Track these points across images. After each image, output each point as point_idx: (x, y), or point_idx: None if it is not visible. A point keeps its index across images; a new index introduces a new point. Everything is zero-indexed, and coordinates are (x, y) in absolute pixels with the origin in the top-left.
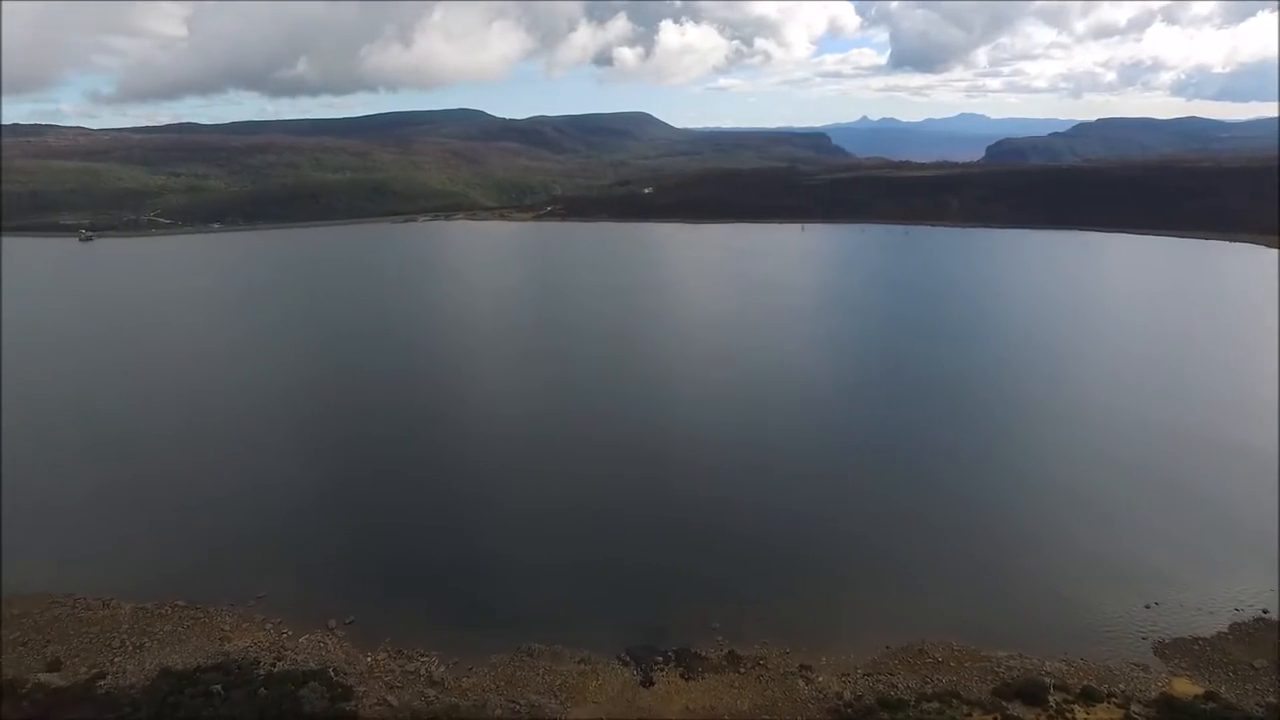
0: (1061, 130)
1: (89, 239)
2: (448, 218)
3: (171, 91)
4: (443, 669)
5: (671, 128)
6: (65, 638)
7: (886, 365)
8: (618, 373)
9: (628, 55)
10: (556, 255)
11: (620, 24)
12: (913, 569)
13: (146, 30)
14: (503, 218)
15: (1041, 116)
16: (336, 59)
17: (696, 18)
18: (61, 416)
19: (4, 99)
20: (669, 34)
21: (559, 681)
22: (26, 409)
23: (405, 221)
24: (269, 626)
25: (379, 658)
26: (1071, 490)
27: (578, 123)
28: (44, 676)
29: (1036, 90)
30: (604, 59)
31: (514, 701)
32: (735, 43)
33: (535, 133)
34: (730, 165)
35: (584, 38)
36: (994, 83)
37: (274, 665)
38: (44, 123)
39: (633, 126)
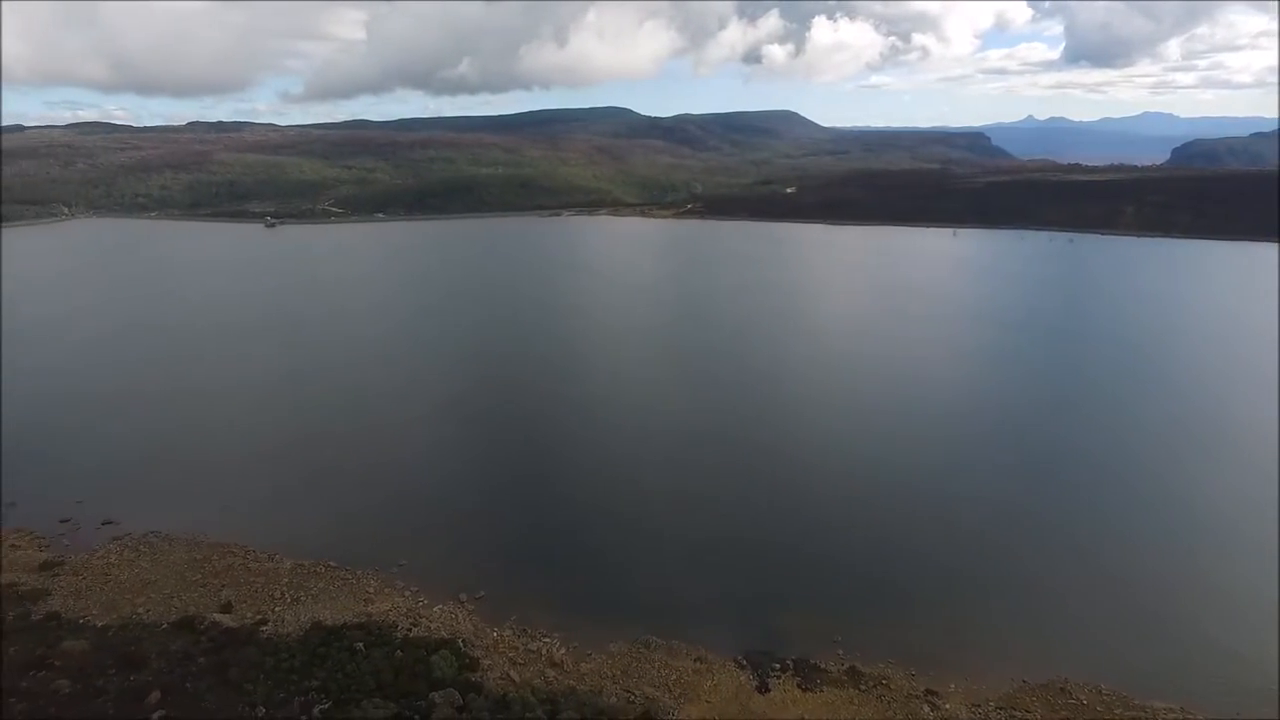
0: (1268, 130)
1: (273, 225)
2: (590, 213)
3: (348, 91)
4: (563, 651)
5: (818, 126)
6: (237, 584)
7: (1039, 382)
8: (751, 371)
9: (777, 53)
10: (694, 252)
11: (771, 21)
12: (1059, 599)
13: (331, 35)
14: (644, 214)
15: (1243, 115)
16: (496, 59)
17: (851, 14)
18: (253, 386)
19: (211, 99)
20: (821, 31)
21: (674, 677)
22: (224, 380)
23: (550, 216)
24: (408, 593)
25: (504, 634)
26: (1252, 533)
27: (722, 121)
28: (218, 616)
29: (1239, 85)
30: (752, 57)
31: (629, 692)
32: (891, 39)
33: (679, 130)
34: (878, 165)
35: (733, 35)
36: (1186, 77)
37: (410, 630)
38: (241, 120)
39: (778, 125)
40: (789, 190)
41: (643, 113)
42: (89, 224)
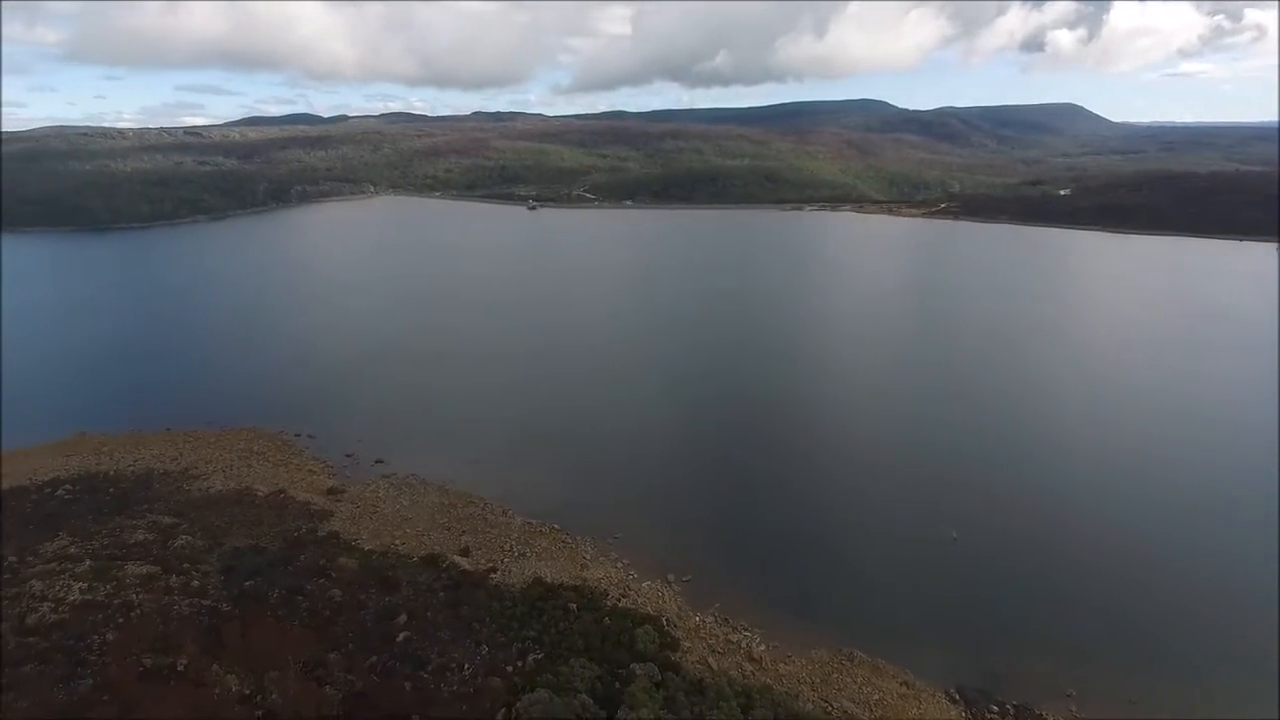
0: None
1: (534, 208)
2: (833, 208)
3: (610, 83)
4: (763, 648)
5: (1106, 122)
6: (475, 531)
7: None
8: (1009, 388)
9: (1064, 39)
10: (942, 254)
11: (1060, 4)
12: None
13: (599, 31)
14: (890, 212)
15: None
16: (752, 51)
17: None
18: (512, 357)
19: (493, 91)
20: (1123, 13)
21: (876, 697)
22: (491, 347)
23: (792, 209)
24: (620, 565)
25: (706, 620)
26: None
27: (990, 115)
28: (457, 558)
29: None
30: (1033, 44)
31: (826, 702)
32: (1217, 18)
33: (939, 125)
34: (1179, 167)
35: (1013, 22)
36: None
37: (619, 600)
38: (515, 110)
39: (1055, 120)
40: (1063, 192)
41: (899, 106)
42: (389, 200)
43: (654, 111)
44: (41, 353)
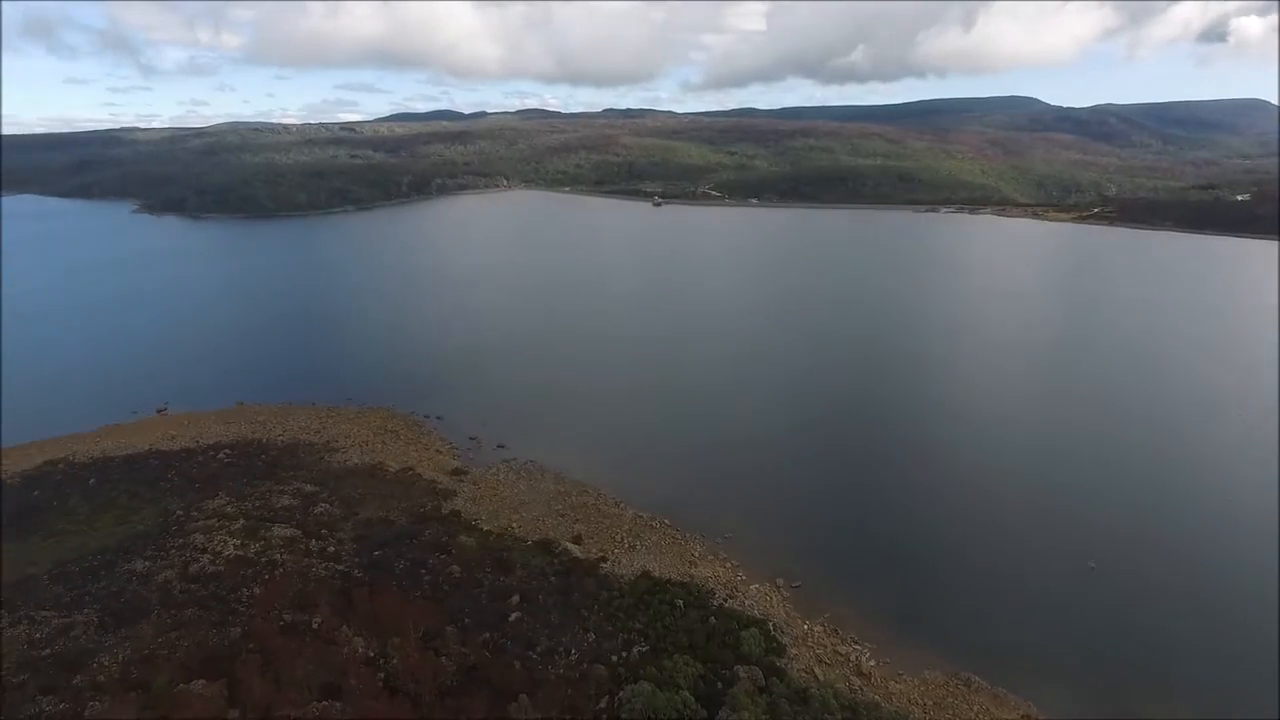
0: None
1: (659, 204)
2: (972, 211)
3: (741, 80)
4: (873, 664)
5: None
6: (588, 521)
7: None
8: (1168, 417)
9: (1252, 27)
10: (1089, 259)
11: None
12: None
13: (733, 27)
14: (1035, 216)
15: None
16: (892, 46)
17: None
18: (637, 347)
19: (625, 88)
20: None
21: None
22: (614, 337)
23: (926, 211)
24: (729, 565)
25: (815, 629)
26: None
27: (1156, 112)
28: (569, 545)
29: None
30: (1213, 34)
31: None
32: None
33: (1096, 124)
34: None
35: (1189, 10)
36: None
37: (725, 600)
38: (645, 108)
39: (1236, 117)
40: (1239, 197)
41: (1051, 103)
42: (520, 194)
43: (784, 109)
44: (209, 327)
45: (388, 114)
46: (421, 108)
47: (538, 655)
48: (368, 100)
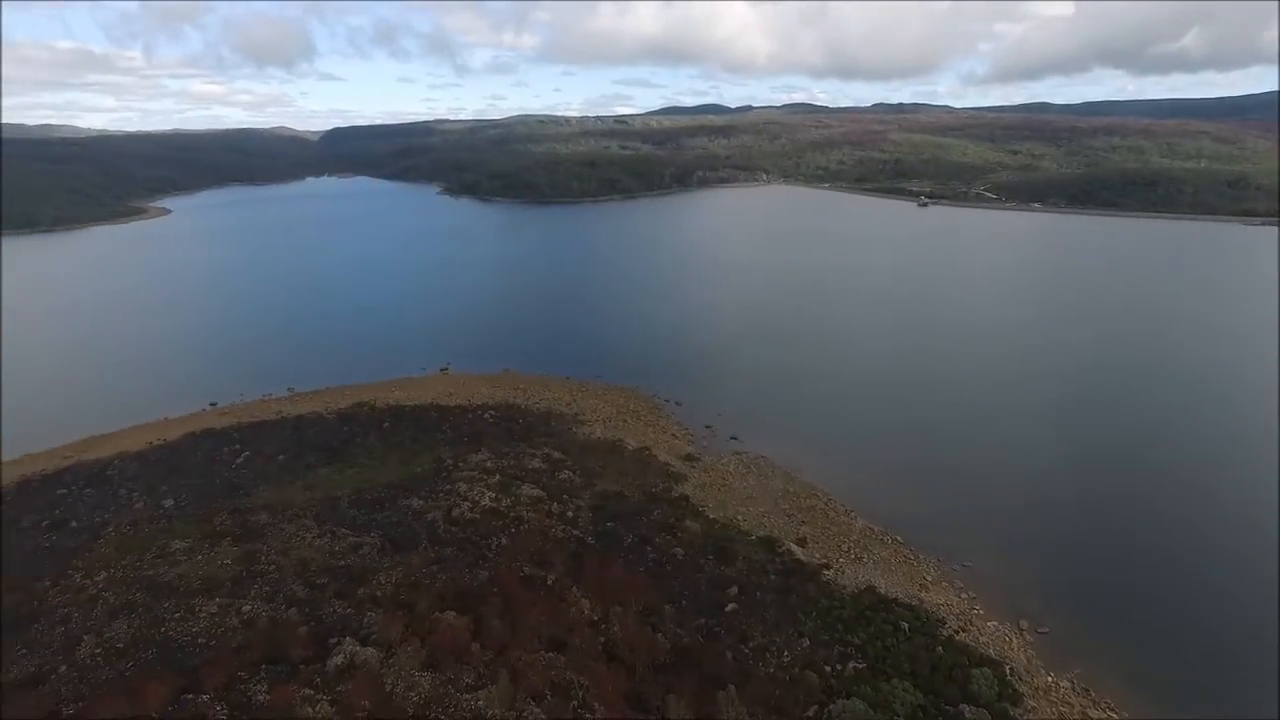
0: None
1: (925, 204)
2: None
3: (1036, 71)
4: None
5: None
6: (814, 524)
7: None
8: None
9: None
10: None
11: None
12: None
13: (1032, 14)
14: None
15: None
16: (1235, 27)
17: None
18: (897, 351)
19: (898, 82)
20: None
21: None
22: (869, 342)
23: (1261, 224)
24: (964, 596)
25: (1060, 683)
26: None
27: None
28: (793, 546)
29: None
30: None
31: None
32: None
33: None
34: None
35: None
36: None
37: (956, 633)
38: (919, 102)
39: None
40: None
41: None
42: (778, 188)
43: (1085, 103)
44: (488, 297)
45: (658, 108)
46: (690, 102)
47: (749, 650)
48: (641, 95)
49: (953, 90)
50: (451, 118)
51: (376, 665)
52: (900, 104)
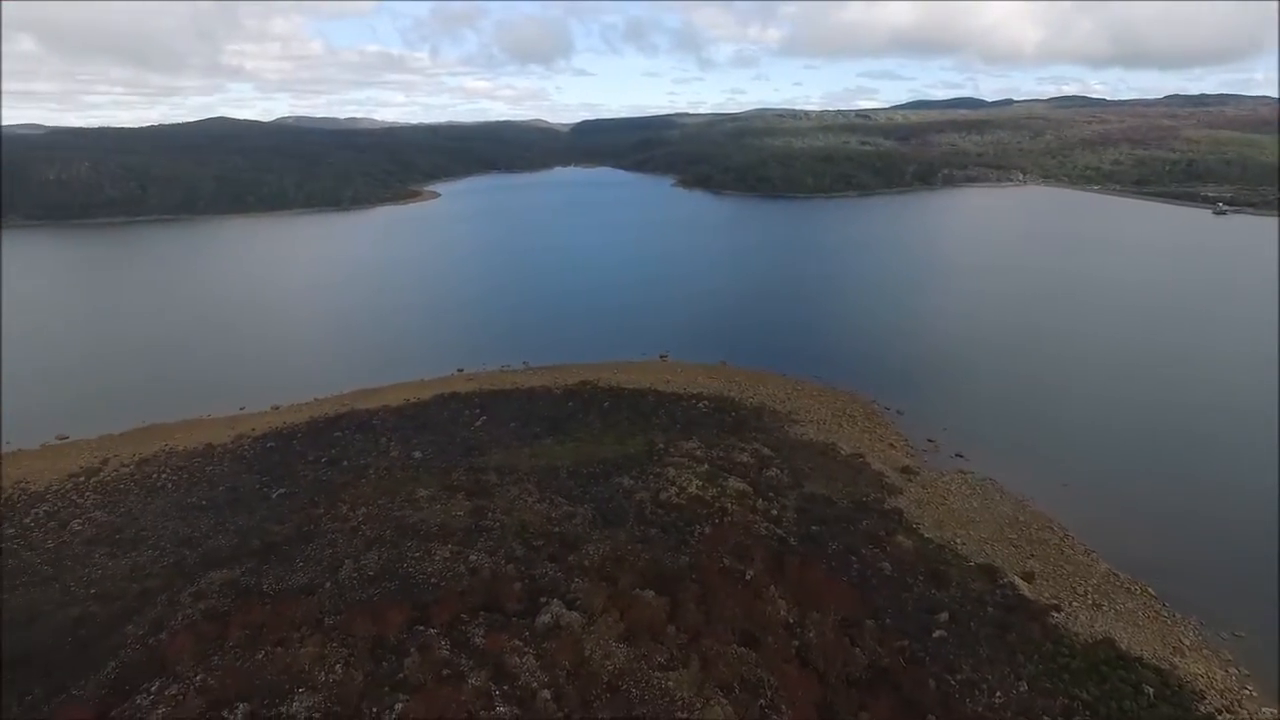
0: None
1: (1223, 212)
2: None
3: None
4: None
5: None
6: (1045, 560)
7: None
8: None
9: None
10: None
11: None
12: None
13: None
14: None
15: None
16: None
17: None
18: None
19: (1200, 71)
20: None
21: None
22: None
23: None
24: (1231, 672)
25: None
26: None
27: None
28: (1018, 580)
29: None
30: None
31: None
32: None
33: None
34: None
35: None
36: None
37: (1218, 713)
38: (1228, 93)
39: None
40: None
41: None
42: (1036, 190)
43: None
44: (708, 288)
45: (904, 101)
46: (940, 95)
47: (956, 682)
48: (887, 88)
49: (1274, 79)
50: (691, 111)
51: (578, 630)
52: (1202, 95)
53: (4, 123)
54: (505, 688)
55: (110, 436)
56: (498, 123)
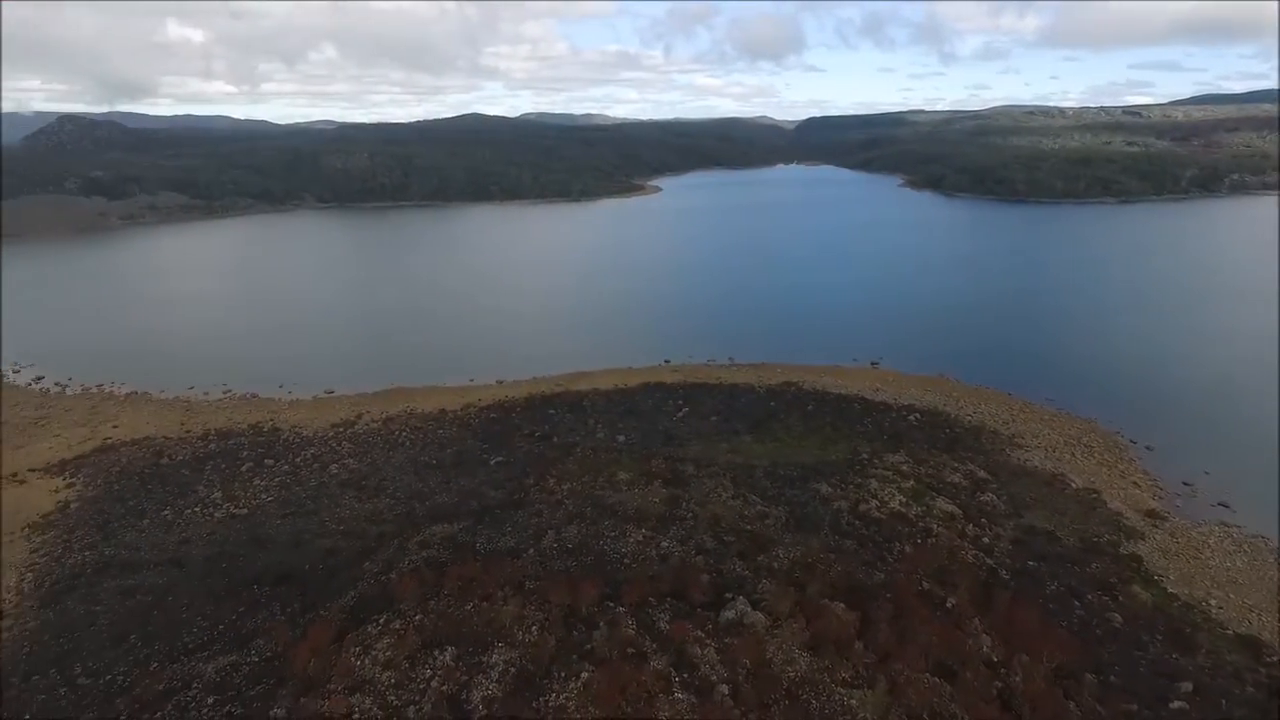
0: None
1: None
2: None
3: None
4: None
5: None
6: None
7: None
8: None
9: None
10: None
11: None
12: None
13: None
14: None
15: None
16: None
17: None
18: None
19: None
20: None
21: None
22: None
23: None
24: None
25: None
26: None
27: None
28: None
29: None
30: None
31: None
32: None
33: None
34: None
35: None
36: None
37: None
38: None
39: None
40: None
41: None
42: None
43: None
44: (926, 295)
45: (1188, 96)
46: (1237, 88)
47: None
48: (1166, 80)
49: None
50: (927, 108)
51: (761, 631)
52: None
53: (306, 120)
54: (685, 675)
55: (365, 395)
56: (724, 119)
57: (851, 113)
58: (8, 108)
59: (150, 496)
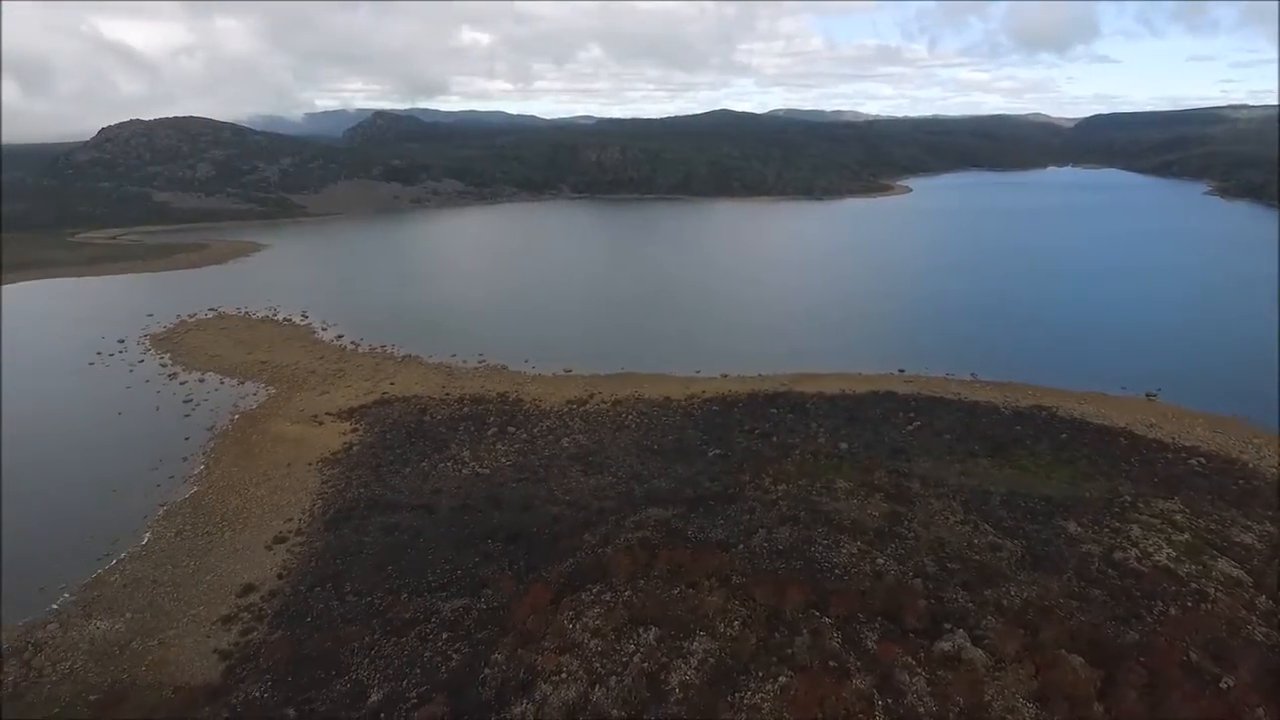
0: None
1: None
2: None
3: None
4: None
5: None
6: None
7: None
8: None
9: None
10: None
11: None
12: None
13: None
14: None
15: None
16: None
17: None
18: None
19: None
20: None
21: None
22: None
23: None
24: None
25: None
26: None
27: None
28: None
29: None
30: None
31: None
32: None
33: None
34: None
35: None
36: None
37: None
38: None
39: None
40: None
41: None
42: None
43: None
44: (1226, 323)
45: None
46: None
47: None
48: None
49: None
50: (1251, 104)
51: (981, 670)
52: None
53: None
54: (889, 700)
55: (598, 376)
56: (988, 116)
57: (1148, 109)
58: (335, 105)
59: (413, 448)
